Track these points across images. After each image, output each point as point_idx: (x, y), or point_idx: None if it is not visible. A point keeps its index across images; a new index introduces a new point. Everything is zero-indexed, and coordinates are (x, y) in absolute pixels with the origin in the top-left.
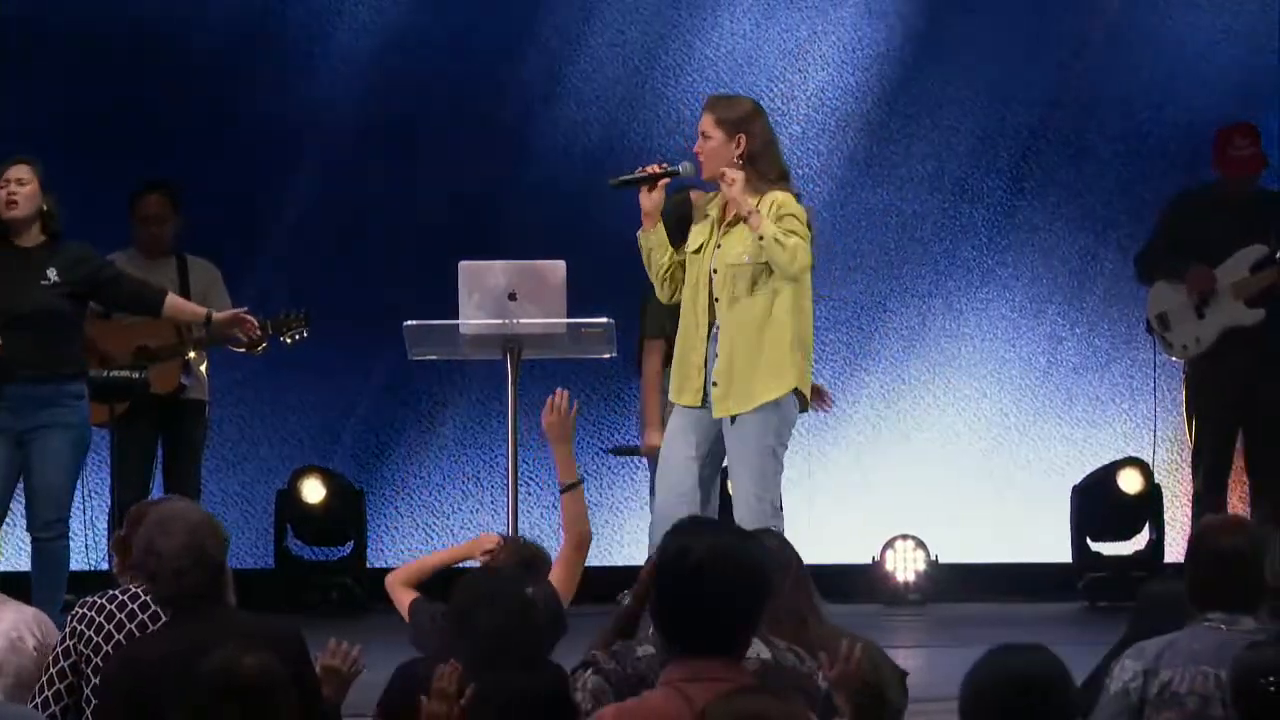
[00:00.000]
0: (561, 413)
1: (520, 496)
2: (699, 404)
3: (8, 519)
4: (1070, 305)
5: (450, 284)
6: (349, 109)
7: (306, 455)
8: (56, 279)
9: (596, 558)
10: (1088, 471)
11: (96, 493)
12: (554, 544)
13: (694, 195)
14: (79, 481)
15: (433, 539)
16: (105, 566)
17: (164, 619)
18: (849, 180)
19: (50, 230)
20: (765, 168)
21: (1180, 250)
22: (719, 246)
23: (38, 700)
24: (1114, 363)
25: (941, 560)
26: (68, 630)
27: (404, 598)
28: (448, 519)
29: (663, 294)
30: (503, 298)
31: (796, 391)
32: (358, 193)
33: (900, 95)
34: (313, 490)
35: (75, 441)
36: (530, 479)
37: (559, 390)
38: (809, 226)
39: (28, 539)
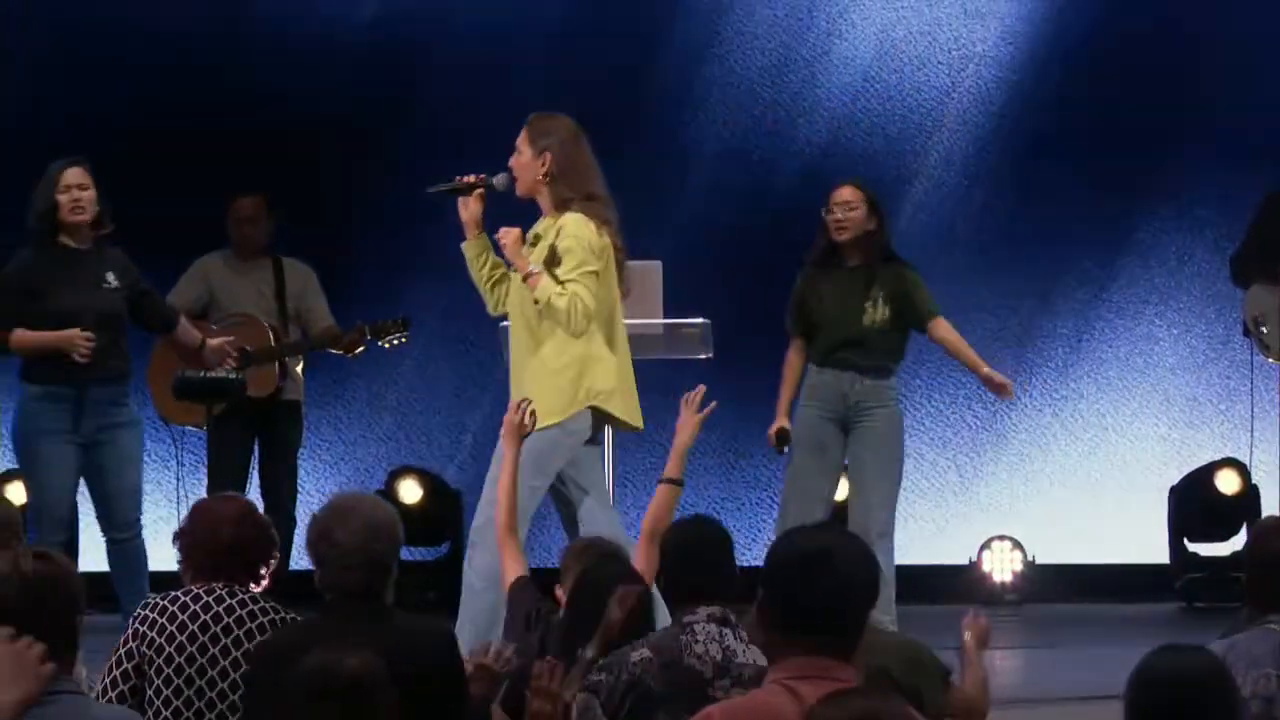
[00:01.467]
0: (693, 407)
1: (616, 496)
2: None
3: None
4: (1166, 306)
5: None
6: (441, 109)
7: (403, 456)
8: (116, 283)
9: None
10: (1185, 472)
11: (193, 493)
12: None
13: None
14: (178, 483)
15: (530, 540)
16: None
17: (226, 620)
18: (944, 181)
19: (99, 232)
20: (566, 188)
21: (1273, 251)
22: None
23: (101, 701)
24: (1211, 363)
25: (1038, 561)
26: (130, 631)
27: (511, 567)
28: (544, 519)
29: (489, 304)
30: None
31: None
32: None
33: (996, 96)
34: (410, 491)
35: (141, 440)
36: (625, 479)
37: (700, 387)
38: (605, 251)
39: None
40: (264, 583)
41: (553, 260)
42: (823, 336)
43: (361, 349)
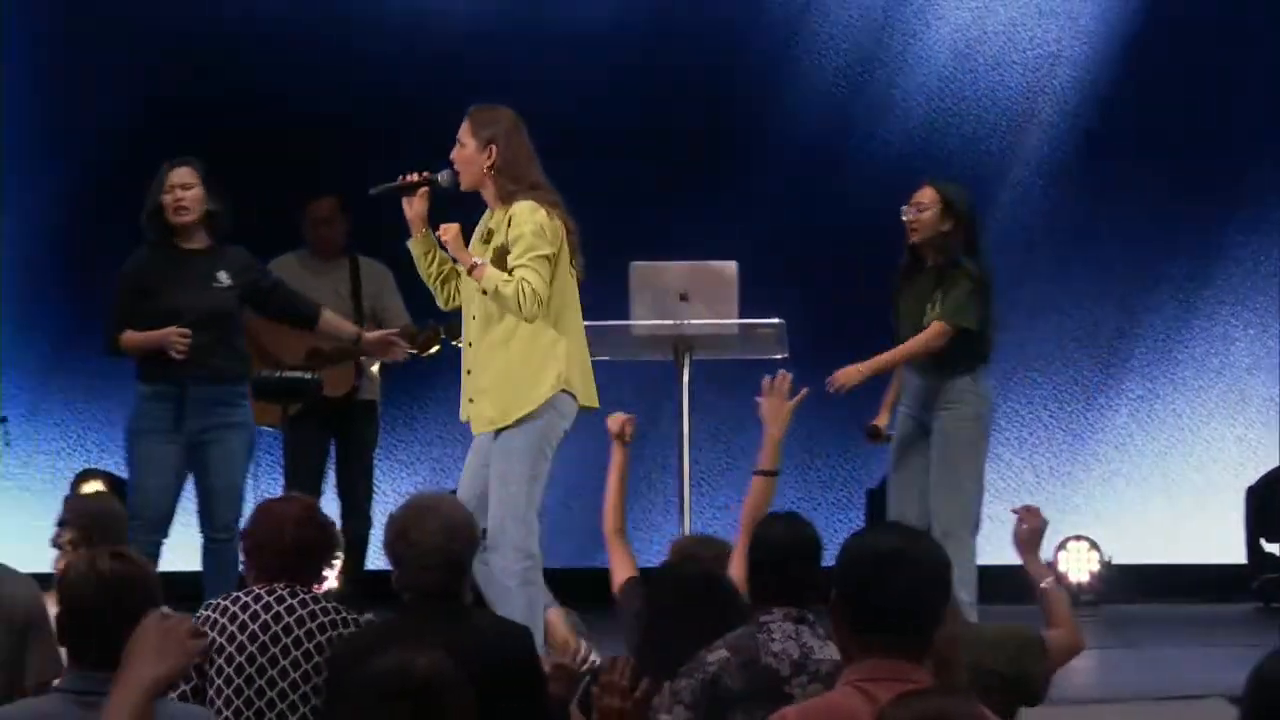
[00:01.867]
0: (781, 395)
1: (693, 496)
2: (465, 419)
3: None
4: (1243, 306)
5: (622, 284)
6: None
7: None
8: (228, 282)
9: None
10: (1261, 473)
11: (270, 494)
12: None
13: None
14: (253, 484)
15: (600, 540)
16: None
17: (287, 620)
18: (1020, 181)
19: (216, 233)
20: (511, 179)
21: None
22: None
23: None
24: None
25: (1115, 561)
26: None
27: (620, 569)
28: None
29: (440, 300)
30: (674, 298)
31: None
32: None
33: (1072, 96)
34: None
35: (248, 442)
36: (702, 479)
37: (781, 372)
38: (558, 233)
39: (191, 539)
40: (326, 583)
41: (504, 246)
42: (902, 337)
43: (436, 349)
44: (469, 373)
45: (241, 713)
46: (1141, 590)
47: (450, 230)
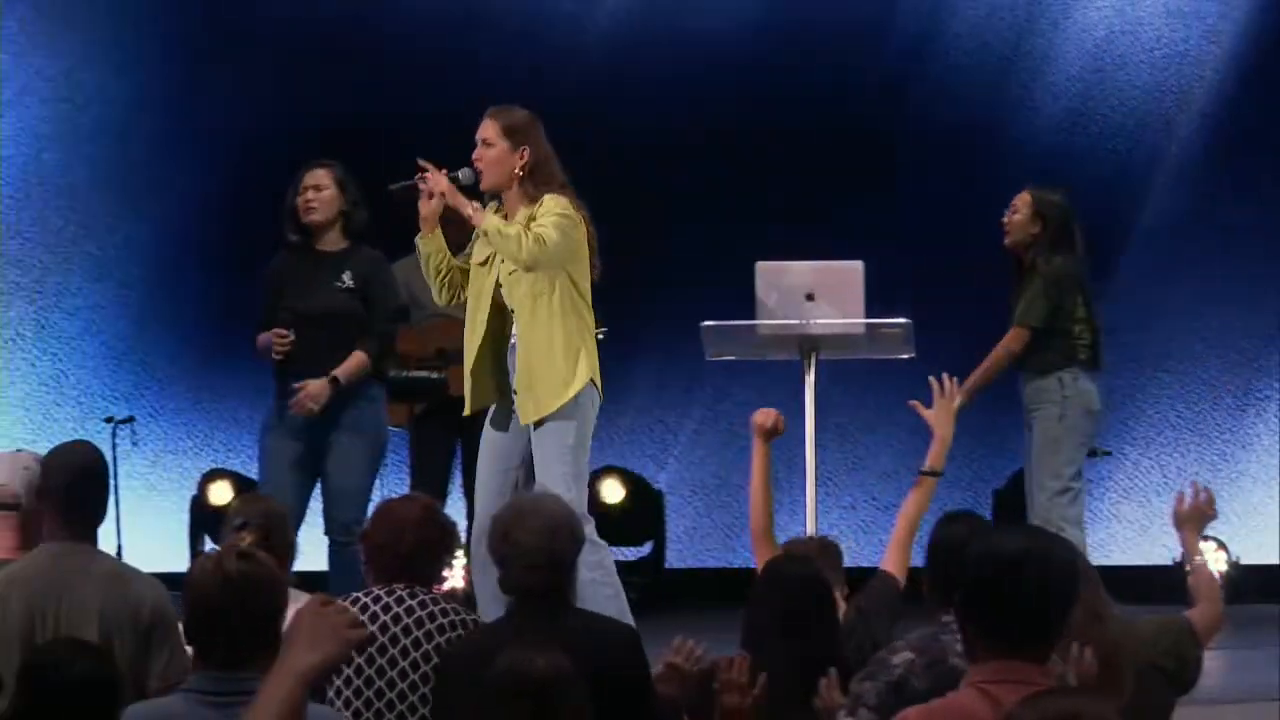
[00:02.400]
0: (950, 398)
1: (819, 496)
2: (471, 413)
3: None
4: None
5: (748, 285)
6: (651, 113)
7: (606, 456)
8: (351, 283)
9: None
10: None
11: (396, 494)
12: (852, 544)
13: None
14: (379, 484)
15: (730, 540)
16: None
17: (406, 621)
18: (1147, 180)
19: (351, 232)
20: (545, 178)
21: None
22: (503, 262)
23: None
24: None
25: (1243, 561)
26: None
27: (762, 554)
28: (746, 519)
29: (440, 297)
30: (800, 298)
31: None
32: (658, 193)
33: (1199, 95)
34: (612, 491)
35: (371, 443)
36: (828, 479)
37: (946, 375)
38: (578, 224)
39: (318, 539)
40: (447, 583)
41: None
42: None
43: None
44: (516, 368)
45: (361, 714)
46: (1269, 590)
47: (439, 182)
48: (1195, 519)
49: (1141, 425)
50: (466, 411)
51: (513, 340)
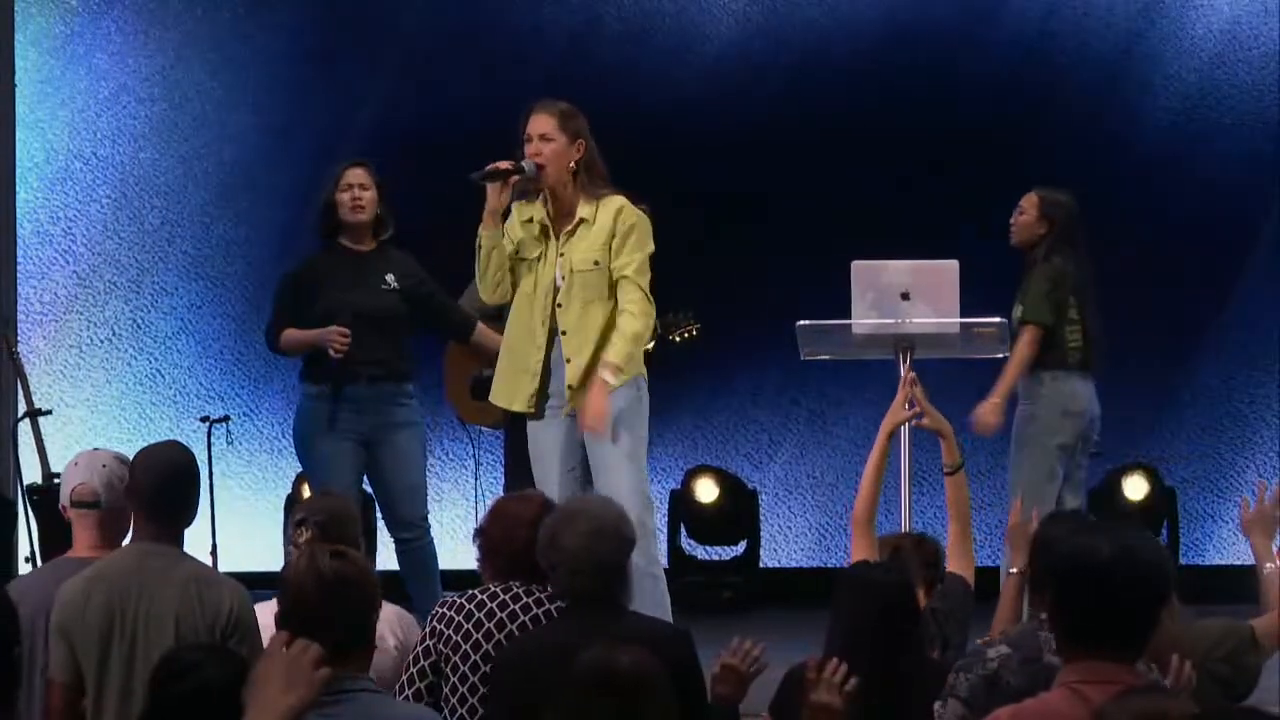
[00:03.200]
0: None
1: (913, 495)
2: (532, 410)
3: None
4: None
5: (844, 283)
6: (741, 108)
7: (700, 455)
8: (396, 284)
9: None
10: None
11: (489, 493)
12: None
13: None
14: (474, 483)
15: (825, 539)
16: None
17: (523, 619)
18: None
19: (382, 234)
20: (598, 172)
21: None
22: (562, 255)
23: (398, 699)
24: None
25: None
26: (428, 630)
27: (861, 547)
28: (840, 519)
29: (493, 295)
30: (895, 297)
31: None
32: (752, 192)
33: None
34: (706, 490)
35: (422, 439)
36: (923, 477)
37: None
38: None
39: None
40: None
41: (612, 236)
42: None
43: (651, 345)
44: (569, 360)
45: (477, 710)
46: None
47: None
48: (1263, 523)
49: (1238, 426)
50: (516, 408)
51: (555, 336)
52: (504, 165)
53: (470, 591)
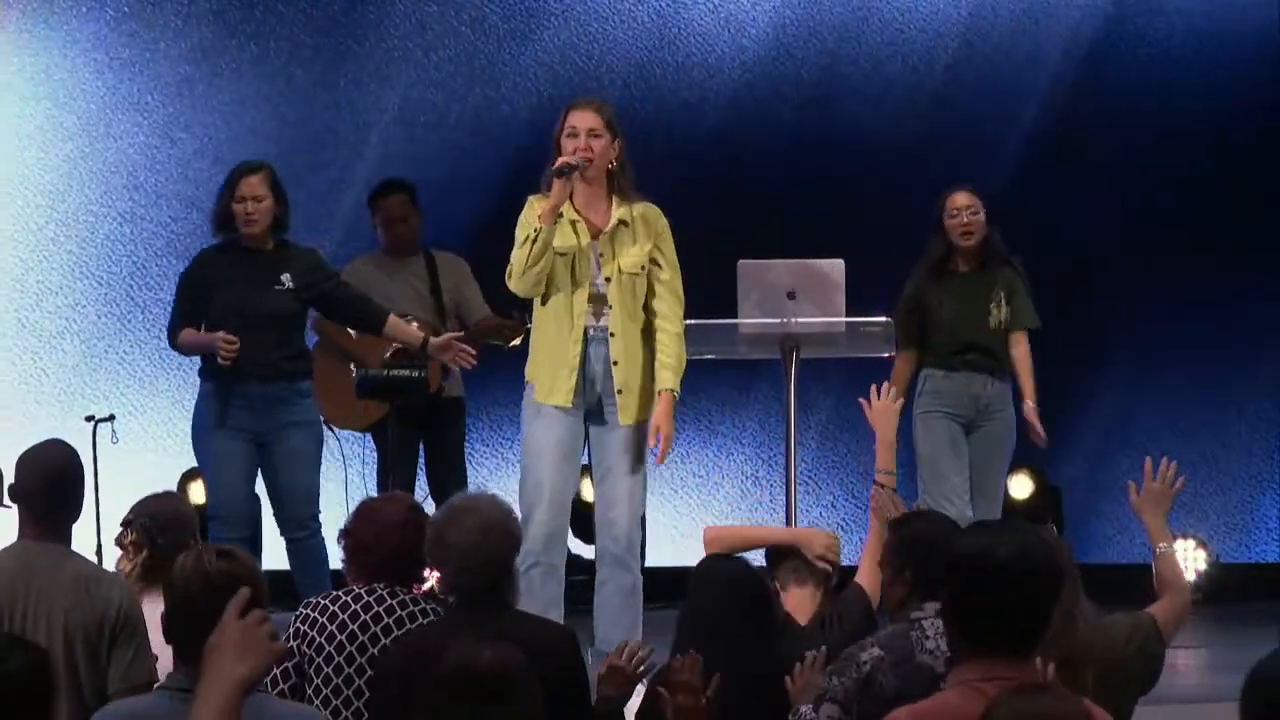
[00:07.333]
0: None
1: (798, 495)
2: (569, 404)
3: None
4: None
5: (729, 283)
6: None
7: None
8: (291, 284)
9: None
10: None
11: (359, 494)
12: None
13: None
14: (344, 482)
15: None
16: None
17: (386, 620)
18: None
19: (280, 234)
20: (630, 173)
21: None
22: (602, 255)
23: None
24: None
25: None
26: (291, 631)
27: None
28: (725, 518)
29: (534, 288)
30: (781, 296)
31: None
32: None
33: None
34: (590, 489)
35: (316, 438)
36: (808, 477)
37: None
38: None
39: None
40: (426, 583)
41: (650, 242)
42: (944, 340)
43: (519, 339)
44: (616, 363)
45: (340, 712)
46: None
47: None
48: (1154, 501)
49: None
50: (555, 402)
51: (596, 335)
52: (572, 161)
53: (334, 593)
